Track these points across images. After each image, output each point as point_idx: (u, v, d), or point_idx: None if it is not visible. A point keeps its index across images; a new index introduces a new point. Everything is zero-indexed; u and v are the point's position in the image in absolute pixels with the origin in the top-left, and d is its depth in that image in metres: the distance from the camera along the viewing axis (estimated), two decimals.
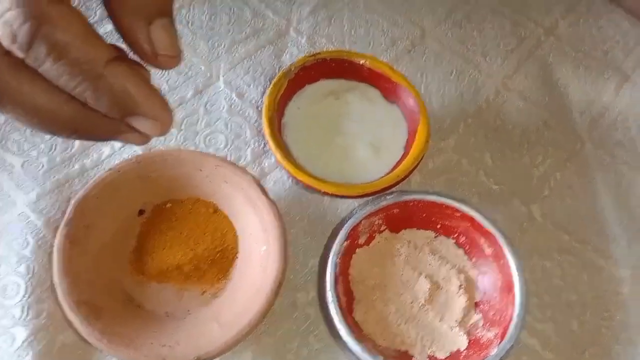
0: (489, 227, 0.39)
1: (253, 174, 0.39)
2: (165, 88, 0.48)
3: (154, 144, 0.45)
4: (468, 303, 0.38)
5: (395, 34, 0.54)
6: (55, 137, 0.43)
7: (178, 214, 0.40)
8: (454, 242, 0.41)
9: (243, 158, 0.45)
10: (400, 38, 0.54)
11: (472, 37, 0.55)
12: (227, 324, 0.35)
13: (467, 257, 0.41)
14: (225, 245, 0.40)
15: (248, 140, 0.46)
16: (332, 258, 0.37)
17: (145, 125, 0.25)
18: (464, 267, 0.40)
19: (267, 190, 0.39)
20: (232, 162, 0.40)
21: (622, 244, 0.45)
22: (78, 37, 0.22)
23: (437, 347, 0.37)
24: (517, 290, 0.37)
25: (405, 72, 0.50)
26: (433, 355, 0.37)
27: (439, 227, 0.41)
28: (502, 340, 0.35)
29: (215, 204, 0.41)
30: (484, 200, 0.46)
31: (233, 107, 0.47)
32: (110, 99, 0.23)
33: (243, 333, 0.34)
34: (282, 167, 0.41)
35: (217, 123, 0.46)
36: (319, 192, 0.40)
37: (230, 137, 0.46)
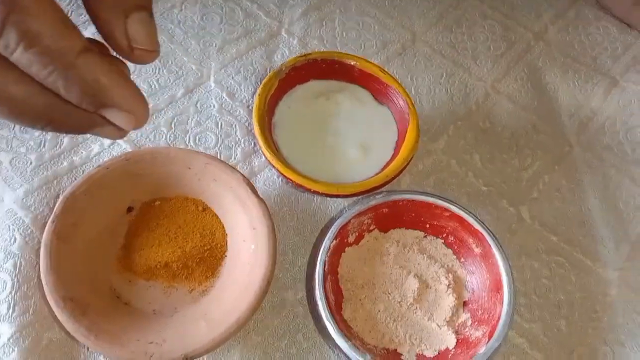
0: (478, 226, 0.39)
1: (242, 173, 0.39)
2: (156, 87, 0.48)
3: (144, 142, 0.45)
4: (456, 302, 0.39)
5: (387, 37, 0.55)
6: (36, 130, 0.43)
7: (167, 212, 0.40)
8: (443, 241, 0.41)
9: (233, 157, 0.45)
10: (391, 41, 0.54)
11: (462, 41, 0.56)
12: (214, 322, 0.35)
13: (455, 256, 0.41)
14: (214, 244, 0.40)
15: (238, 140, 0.46)
16: (320, 256, 0.37)
17: (120, 118, 0.25)
18: (453, 266, 0.41)
19: (256, 189, 0.39)
20: (221, 160, 0.40)
21: (609, 246, 0.45)
22: (50, 25, 0.21)
23: (425, 345, 0.37)
24: (505, 290, 0.37)
25: (396, 74, 0.50)
26: (421, 354, 0.37)
27: (428, 226, 0.41)
28: (490, 339, 0.35)
29: (204, 202, 0.41)
30: (473, 202, 0.46)
31: (224, 106, 0.48)
32: (82, 90, 0.23)
33: (231, 331, 0.34)
34: (272, 166, 0.41)
35: (207, 122, 0.46)
36: (309, 191, 0.40)
37: (221, 136, 0.46)
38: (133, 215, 0.40)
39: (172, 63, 0.49)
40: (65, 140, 0.44)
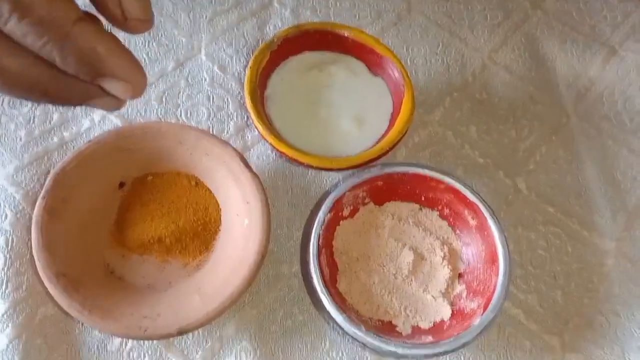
0: (473, 198, 0.39)
1: (235, 147, 0.39)
2: (146, 60, 0.47)
3: (134, 117, 0.44)
4: (452, 274, 0.38)
5: (381, 7, 0.53)
6: (25, 105, 0.42)
7: (159, 187, 0.40)
8: (438, 214, 0.41)
9: (226, 131, 0.45)
10: (386, 11, 0.53)
11: (458, 10, 0.54)
12: (209, 296, 0.35)
13: (451, 228, 0.41)
14: (208, 218, 0.39)
15: (231, 113, 0.45)
16: (315, 230, 0.37)
17: (117, 87, 0.24)
18: (448, 238, 0.40)
19: (249, 163, 0.38)
20: (213, 134, 0.39)
21: (606, 216, 0.45)
22: None
23: (420, 317, 0.37)
24: (500, 261, 0.37)
25: (391, 45, 0.49)
26: (416, 325, 0.37)
27: (423, 199, 0.41)
28: (485, 311, 0.35)
29: (197, 177, 0.40)
30: (469, 173, 0.46)
31: (215, 79, 0.47)
32: (78, 59, 0.23)
33: (225, 305, 0.34)
34: (265, 140, 0.40)
35: (198, 96, 0.46)
36: (303, 165, 0.40)
37: (213, 110, 0.45)
38: (125, 191, 0.40)
39: (162, 36, 0.48)
40: (55, 116, 0.43)
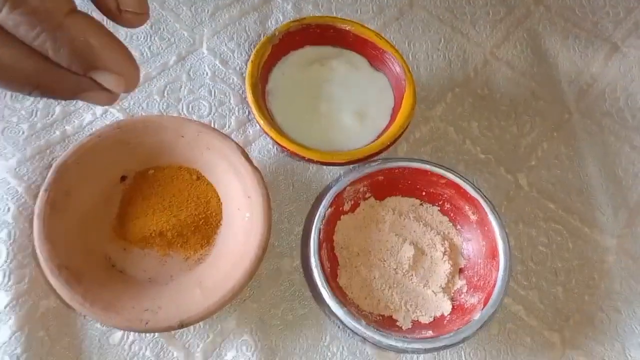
0: (474, 193, 0.39)
1: (236, 141, 0.39)
2: (148, 54, 0.47)
3: (136, 111, 0.44)
4: (452, 269, 0.38)
5: (383, 2, 0.53)
6: (27, 98, 0.42)
7: (161, 181, 0.40)
8: (439, 209, 0.41)
9: (227, 125, 0.45)
10: (389, 6, 0.53)
11: (461, 5, 0.54)
12: (210, 290, 0.35)
13: (451, 224, 0.41)
14: (209, 212, 0.39)
15: (232, 108, 0.45)
16: (316, 224, 0.37)
17: (110, 80, 0.24)
18: (449, 233, 0.40)
19: (250, 157, 0.38)
20: (214, 128, 0.39)
21: (607, 213, 0.45)
22: None
23: (421, 312, 0.37)
24: (501, 256, 0.37)
25: (393, 40, 0.49)
26: (417, 320, 0.37)
27: (424, 194, 0.41)
28: (485, 306, 0.35)
29: (198, 171, 0.40)
30: (471, 169, 0.46)
31: (217, 73, 0.47)
32: (71, 51, 0.22)
33: (226, 298, 0.34)
34: (266, 134, 0.40)
35: (200, 90, 0.46)
36: (304, 159, 0.40)
37: (214, 104, 0.45)
38: (127, 184, 0.40)
39: (163, 30, 0.48)
40: (58, 109, 0.43)
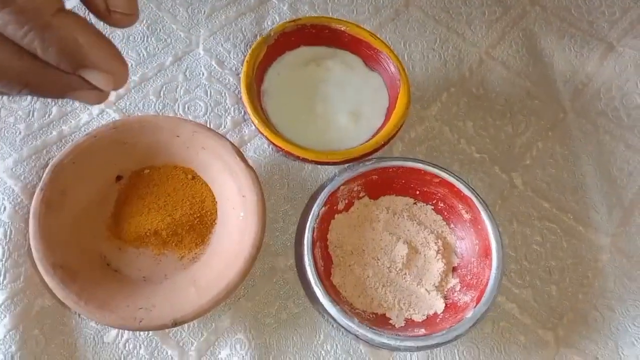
0: (467, 192, 0.39)
1: (231, 141, 0.39)
2: (144, 55, 0.47)
3: (132, 111, 0.44)
4: (446, 267, 0.39)
5: (379, 2, 0.53)
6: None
7: (156, 180, 0.40)
8: (433, 208, 0.41)
9: (223, 126, 0.45)
10: (384, 6, 0.53)
11: (456, 5, 0.55)
12: (204, 288, 0.35)
13: (445, 222, 0.41)
14: (204, 211, 0.40)
15: (228, 108, 0.46)
16: (309, 223, 0.37)
17: (98, 79, 0.24)
18: (442, 232, 0.41)
19: (245, 157, 0.39)
20: (210, 128, 0.40)
21: (602, 212, 0.45)
22: None
23: (414, 310, 0.37)
24: (494, 255, 0.37)
25: (389, 40, 0.49)
26: (410, 318, 0.37)
27: (418, 193, 0.41)
28: (478, 304, 0.36)
29: (194, 170, 0.41)
30: (466, 169, 0.46)
31: (213, 74, 0.47)
32: (59, 50, 0.22)
33: (220, 297, 0.34)
34: (261, 134, 0.41)
35: (196, 90, 0.46)
36: (299, 159, 0.40)
37: (210, 104, 0.46)
38: (122, 184, 0.40)
39: (160, 31, 0.48)
40: (54, 110, 0.43)
